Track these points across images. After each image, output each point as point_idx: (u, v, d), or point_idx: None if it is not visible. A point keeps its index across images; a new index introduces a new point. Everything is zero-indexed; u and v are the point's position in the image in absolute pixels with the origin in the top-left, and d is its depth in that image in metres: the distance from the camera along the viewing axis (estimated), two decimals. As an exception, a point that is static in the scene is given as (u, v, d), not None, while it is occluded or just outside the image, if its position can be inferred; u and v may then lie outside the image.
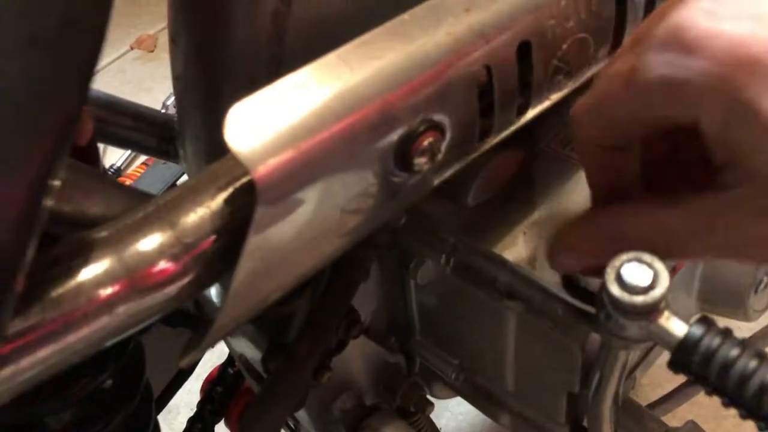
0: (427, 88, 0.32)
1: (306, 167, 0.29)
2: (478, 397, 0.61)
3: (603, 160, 0.37)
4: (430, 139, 0.32)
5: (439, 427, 1.36)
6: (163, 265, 0.28)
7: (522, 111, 0.38)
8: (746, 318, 0.59)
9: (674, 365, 0.34)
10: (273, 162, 0.28)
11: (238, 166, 0.30)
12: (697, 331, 0.33)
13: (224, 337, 0.32)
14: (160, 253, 0.28)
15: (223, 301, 0.30)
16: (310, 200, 0.30)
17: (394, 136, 0.32)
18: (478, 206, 0.51)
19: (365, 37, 0.31)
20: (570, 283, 0.45)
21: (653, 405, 0.75)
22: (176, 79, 0.44)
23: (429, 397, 0.66)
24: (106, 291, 0.27)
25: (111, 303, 0.27)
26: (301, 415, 0.59)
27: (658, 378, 1.17)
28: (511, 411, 0.59)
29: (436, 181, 0.37)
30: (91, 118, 0.43)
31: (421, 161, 0.33)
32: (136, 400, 0.53)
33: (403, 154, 0.32)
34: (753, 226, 0.31)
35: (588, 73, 0.42)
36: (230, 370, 0.69)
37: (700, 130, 0.31)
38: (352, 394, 0.58)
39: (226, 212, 0.30)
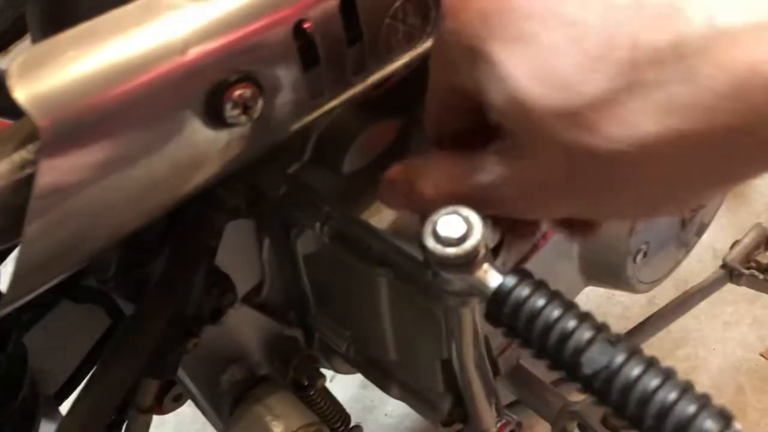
0: (236, 41, 0.32)
1: (98, 120, 0.29)
2: (370, 369, 0.61)
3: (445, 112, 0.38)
4: (242, 91, 0.32)
5: (386, 413, 1.38)
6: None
7: (359, 70, 0.38)
8: (633, 290, 0.60)
9: (488, 317, 0.34)
10: (59, 112, 0.28)
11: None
12: (510, 281, 0.33)
13: (27, 295, 0.32)
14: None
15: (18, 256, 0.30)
16: (107, 155, 0.30)
17: (202, 88, 0.32)
18: (354, 174, 0.51)
19: (167, -12, 0.31)
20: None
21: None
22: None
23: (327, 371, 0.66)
24: None
25: None
26: (192, 387, 0.59)
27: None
28: (399, 382, 0.59)
29: (269, 139, 0.37)
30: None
31: (233, 113, 0.33)
32: (18, 400, 0.52)
33: (214, 105, 0.32)
34: (499, 166, 0.32)
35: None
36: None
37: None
38: (243, 365, 0.58)
39: (18, 167, 0.30)
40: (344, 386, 1.42)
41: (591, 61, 0.26)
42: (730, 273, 0.86)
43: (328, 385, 1.46)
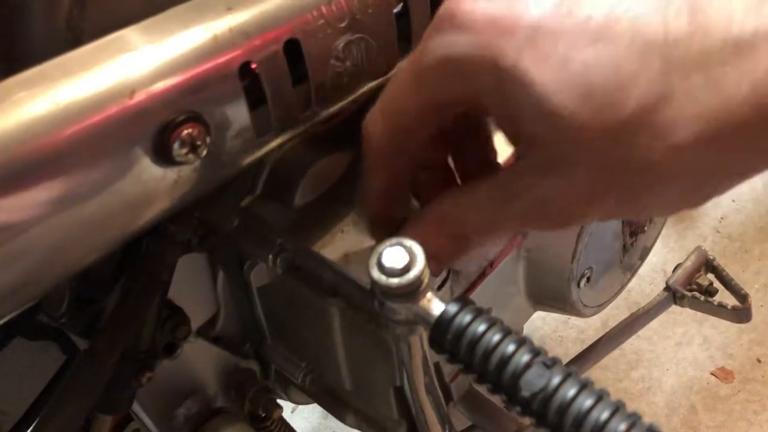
0: (182, 83, 0.33)
1: (47, 160, 0.30)
2: (326, 399, 0.62)
3: (392, 168, 0.38)
4: (189, 131, 0.34)
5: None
6: None
7: (305, 108, 0.40)
8: (580, 314, 0.62)
9: (432, 343, 0.36)
10: (7, 153, 0.29)
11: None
12: (452, 309, 0.35)
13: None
14: None
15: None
16: (56, 193, 0.31)
17: (150, 128, 0.33)
18: (305, 206, 0.53)
19: (115, 35, 0.33)
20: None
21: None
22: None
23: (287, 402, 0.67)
24: None
25: None
26: (147, 421, 0.59)
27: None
28: (355, 410, 0.60)
29: (218, 175, 0.38)
30: None
31: (181, 152, 0.34)
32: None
33: (162, 145, 0.33)
34: (541, 187, 0.32)
35: (387, 74, 0.44)
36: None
37: (484, 106, 0.32)
38: (198, 398, 0.59)
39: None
40: (306, 417, 1.42)
41: (626, 78, 0.28)
42: (673, 295, 0.88)
43: (290, 415, 1.45)
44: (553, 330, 1.49)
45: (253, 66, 0.36)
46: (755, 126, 0.27)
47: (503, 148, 0.38)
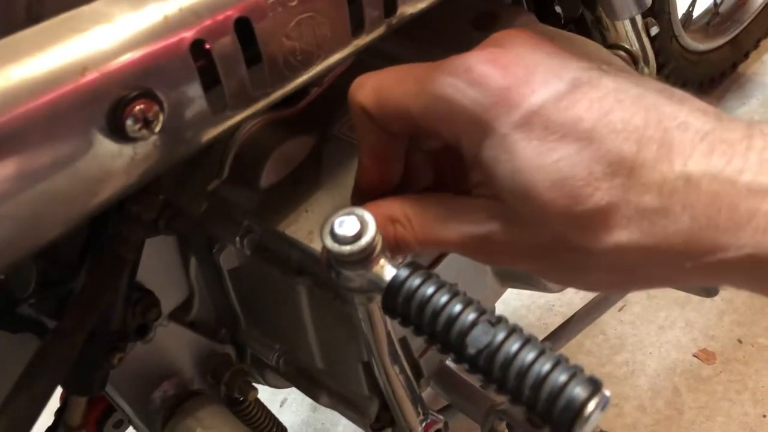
0: (134, 61, 0.34)
1: (1, 138, 0.31)
2: (300, 379, 0.63)
3: (374, 133, 0.39)
4: (142, 107, 0.35)
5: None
6: None
7: (260, 87, 0.41)
8: (546, 289, 0.63)
9: (385, 308, 0.37)
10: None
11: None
12: (403, 273, 0.36)
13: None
14: None
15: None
16: (11, 171, 0.32)
17: (103, 105, 0.34)
18: (270, 188, 0.54)
19: (66, 14, 0.34)
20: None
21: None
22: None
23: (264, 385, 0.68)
24: None
25: None
26: (124, 405, 0.60)
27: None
28: (328, 390, 0.61)
29: (175, 152, 0.39)
30: None
31: (135, 127, 0.35)
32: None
33: (115, 121, 0.34)
34: (486, 227, 0.37)
35: (339, 54, 0.45)
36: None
37: (459, 149, 0.37)
38: (174, 382, 0.60)
39: None
40: (295, 411, 1.43)
41: (595, 179, 0.32)
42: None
43: (278, 409, 1.46)
44: (537, 318, 1.50)
45: (207, 46, 0.38)
46: (682, 253, 0.32)
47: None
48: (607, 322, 1.44)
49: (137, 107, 0.35)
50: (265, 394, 0.73)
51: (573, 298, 1.45)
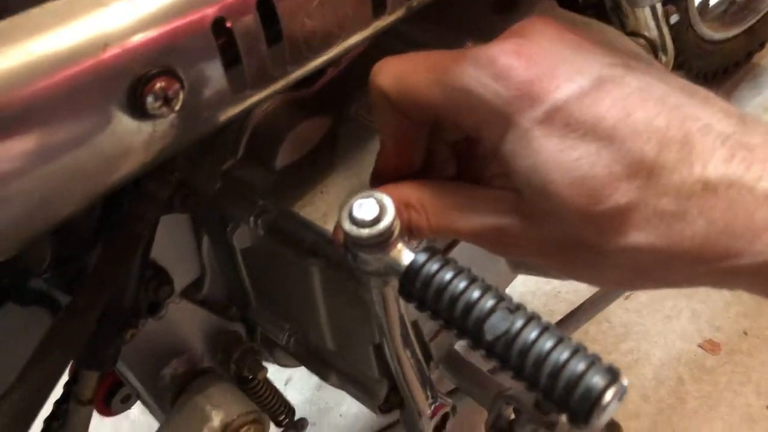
0: (155, 38, 0.34)
1: (22, 113, 0.31)
2: (310, 360, 0.63)
3: (394, 118, 0.39)
4: (162, 84, 0.34)
5: (340, 414, 1.39)
6: None
7: (280, 67, 0.40)
8: (556, 276, 0.63)
9: (402, 293, 0.37)
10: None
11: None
12: (421, 258, 0.36)
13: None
14: None
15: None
16: (32, 146, 0.32)
17: (123, 82, 0.34)
18: (286, 169, 0.54)
19: (90, -14, 0.33)
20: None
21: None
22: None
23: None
24: None
25: None
26: (134, 381, 0.60)
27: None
28: (337, 371, 0.61)
29: (194, 131, 0.39)
30: None
31: (155, 105, 0.35)
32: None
33: (135, 98, 0.34)
34: (502, 220, 0.37)
35: (359, 34, 0.45)
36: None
37: (479, 140, 0.36)
38: (185, 359, 0.60)
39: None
40: (299, 389, 1.43)
41: (615, 180, 0.32)
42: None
43: (283, 387, 1.47)
44: (543, 304, 1.50)
45: (228, 24, 0.37)
46: (697, 257, 0.32)
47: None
48: (612, 311, 1.44)
49: (158, 85, 0.34)
50: (270, 371, 0.73)
51: (579, 286, 1.44)
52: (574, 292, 1.49)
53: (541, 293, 1.51)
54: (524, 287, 1.53)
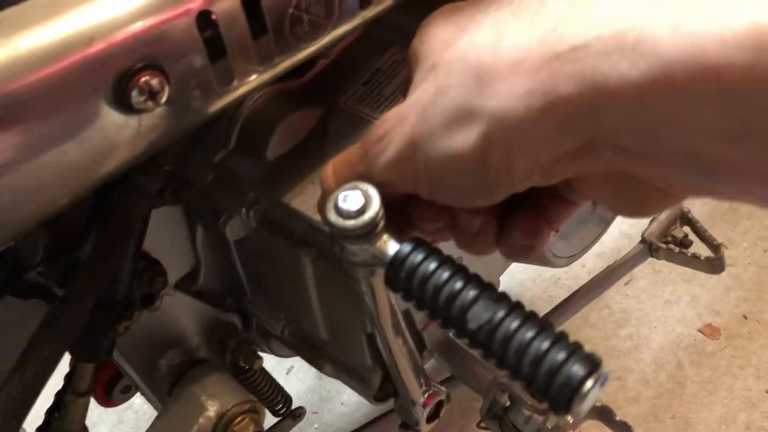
0: (140, 32, 0.34)
1: (8, 107, 0.31)
2: (305, 349, 0.64)
3: None
4: (147, 78, 0.35)
5: (342, 402, 1.40)
6: None
7: (266, 59, 0.41)
8: (551, 264, 0.63)
9: (387, 282, 0.37)
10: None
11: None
12: (406, 248, 0.36)
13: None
14: None
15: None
16: (19, 140, 0.32)
17: (109, 76, 0.34)
18: (277, 160, 0.54)
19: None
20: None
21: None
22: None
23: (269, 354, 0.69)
24: None
25: None
26: (131, 372, 0.61)
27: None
28: (332, 360, 0.62)
29: (180, 124, 0.39)
30: None
31: (140, 99, 0.35)
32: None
33: (121, 92, 0.34)
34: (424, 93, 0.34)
35: (346, 25, 0.45)
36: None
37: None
38: (181, 350, 0.61)
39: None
40: (301, 379, 1.44)
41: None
42: (649, 247, 0.90)
43: (285, 377, 1.47)
44: (543, 290, 1.51)
45: (213, 17, 0.37)
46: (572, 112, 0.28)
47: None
48: (612, 296, 1.45)
49: (143, 79, 0.35)
50: (272, 362, 0.74)
51: (579, 272, 1.45)
52: (574, 278, 1.50)
53: (540, 279, 1.52)
54: (524, 274, 1.53)
